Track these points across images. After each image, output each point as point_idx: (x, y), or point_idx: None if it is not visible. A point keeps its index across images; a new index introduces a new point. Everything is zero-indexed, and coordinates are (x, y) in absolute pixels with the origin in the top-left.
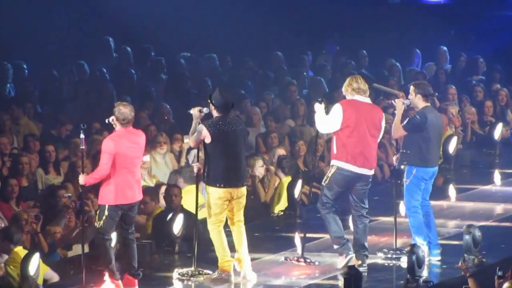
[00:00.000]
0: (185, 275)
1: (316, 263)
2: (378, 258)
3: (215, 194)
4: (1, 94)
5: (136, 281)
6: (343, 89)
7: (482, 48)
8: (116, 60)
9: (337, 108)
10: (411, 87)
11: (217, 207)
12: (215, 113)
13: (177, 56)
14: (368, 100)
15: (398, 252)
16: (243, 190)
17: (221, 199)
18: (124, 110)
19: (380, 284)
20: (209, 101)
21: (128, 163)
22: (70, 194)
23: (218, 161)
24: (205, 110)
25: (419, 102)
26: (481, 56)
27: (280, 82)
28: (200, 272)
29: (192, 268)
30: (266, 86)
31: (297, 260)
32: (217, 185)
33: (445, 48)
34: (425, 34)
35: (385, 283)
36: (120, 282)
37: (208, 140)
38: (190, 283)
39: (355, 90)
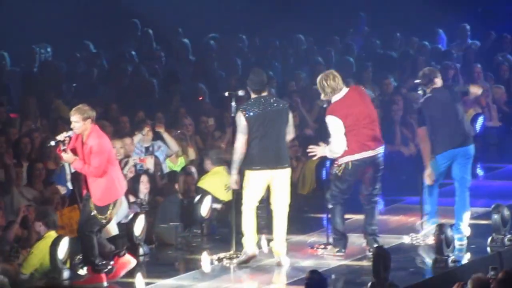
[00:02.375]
0: (225, 258)
1: (343, 250)
2: (406, 239)
3: (250, 176)
4: (30, 78)
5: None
6: (318, 85)
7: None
8: (140, 43)
9: (334, 120)
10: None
11: (251, 190)
12: (252, 95)
13: (204, 38)
14: (345, 91)
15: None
16: (285, 171)
17: (256, 182)
18: (89, 107)
19: (408, 264)
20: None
21: (115, 158)
22: None
23: (253, 143)
24: (240, 92)
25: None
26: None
27: (310, 62)
28: (239, 255)
29: (231, 251)
30: (296, 65)
31: (325, 247)
32: (252, 167)
33: (467, 26)
34: (452, 12)
35: (413, 263)
36: (103, 275)
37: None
38: (228, 265)
39: (332, 91)
